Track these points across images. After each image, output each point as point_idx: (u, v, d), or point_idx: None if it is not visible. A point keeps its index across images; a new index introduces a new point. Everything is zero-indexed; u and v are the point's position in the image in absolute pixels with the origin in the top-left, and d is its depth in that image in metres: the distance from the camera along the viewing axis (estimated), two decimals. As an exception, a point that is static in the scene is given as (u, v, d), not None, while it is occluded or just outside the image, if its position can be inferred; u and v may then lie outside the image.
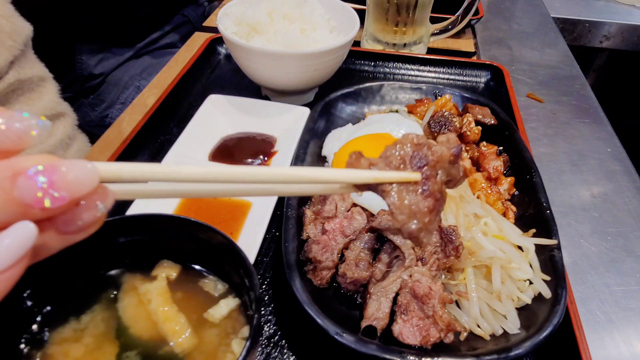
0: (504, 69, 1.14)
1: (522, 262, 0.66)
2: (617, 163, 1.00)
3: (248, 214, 0.78)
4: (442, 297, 0.59)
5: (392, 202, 0.39)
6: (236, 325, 0.49)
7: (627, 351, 0.68)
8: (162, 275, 0.53)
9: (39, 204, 0.23)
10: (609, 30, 1.67)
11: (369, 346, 0.55)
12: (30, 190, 0.23)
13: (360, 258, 0.67)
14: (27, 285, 0.47)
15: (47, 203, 0.23)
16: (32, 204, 0.23)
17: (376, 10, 1.24)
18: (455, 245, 0.64)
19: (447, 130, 0.87)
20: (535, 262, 0.67)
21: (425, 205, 0.39)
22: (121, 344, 0.48)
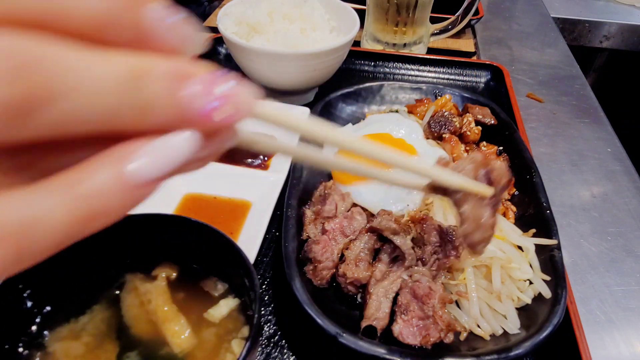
0: (504, 69, 1.14)
1: (522, 262, 0.66)
2: (617, 163, 1.00)
3: (248, 214, 0.78)
4: (442, 297, 0.59)
5: (463, 212, 0.43)
6: (236, 325, 0.49)
7: (627, 351, 0.68)
8: (162, 275, 0.53)
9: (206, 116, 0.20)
10: (609, 30, 1.67)
11: (369, 346, 0.55)
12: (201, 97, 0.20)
13: (360, 258, 0.67)
14: (27, 285, 0.47)
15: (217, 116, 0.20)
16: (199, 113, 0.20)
17: (376, 10, 1.23)
18: (455, 245, 0.64)
19: (447, 130, 0.87)
20: (535, 262, 0.67)
21: (490, 220, 0.44)
22: (122, 344, 0.48)
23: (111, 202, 0.19)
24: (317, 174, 0.84)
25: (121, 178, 0.19)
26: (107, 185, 0.19)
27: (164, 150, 0.20)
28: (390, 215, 0.68)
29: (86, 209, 0.19)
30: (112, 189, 0.19)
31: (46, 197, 0.18)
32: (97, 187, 0.19)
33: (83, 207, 0.19)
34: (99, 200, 0.19)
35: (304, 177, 0.79)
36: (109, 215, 0.20)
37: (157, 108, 0.19)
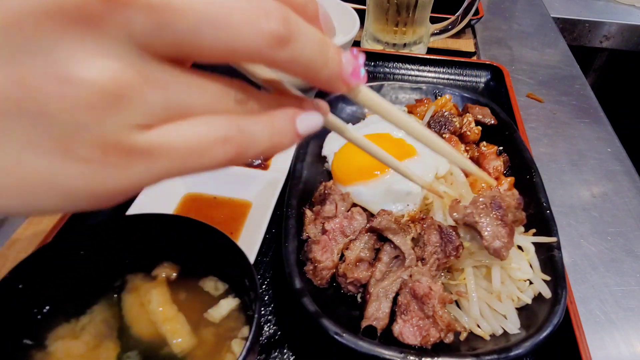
0: (504, 69, 1.14)
1: (522, 262, 0.66)
2: (617, 163, 1.00)
3: (248, 214, 0.78)
4: (442, 297, 0.59)
5: (484, 226, 0.62)
6: (236, 325, 0.49)
7: (627, 351, 0.68)
8: (162, 275, 0.53)
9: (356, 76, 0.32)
10: (609, 30, 1.67)
11: (369, 346, 0.55)
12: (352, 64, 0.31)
13: (361, 258, 0.67)
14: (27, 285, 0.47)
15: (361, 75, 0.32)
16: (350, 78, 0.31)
17: (376, 10, 1.24)
18: (455, 245, 0.64)
19: (447, 130, 0.87)
20: (535, 262, 0.67)
21: (505, 230, 0.62)
22: (122, 344, 0.48)
23: (286, 139, 0.31)
24: (317, 174, 0.84)
25: (294, 127, 0.31)
26: (289, 128, 0.31)
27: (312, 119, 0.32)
28: (390, 215, 0.68)
29: (275, 139, 0.30)
30: (290, 132, 0.31)
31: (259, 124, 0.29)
32: (284, 127, 0.31)
33: (274, 137, 0.30)
34: (282, 136, 0.31)
35: (304, 177, 0.79)
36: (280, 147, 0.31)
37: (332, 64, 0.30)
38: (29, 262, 0.46)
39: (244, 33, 0.25)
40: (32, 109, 0.22)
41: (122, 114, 0.23)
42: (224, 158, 0.27)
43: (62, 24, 0.21)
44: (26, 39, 0.21)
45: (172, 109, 0.25)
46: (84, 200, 0.25)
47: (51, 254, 0.48)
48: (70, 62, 0.22)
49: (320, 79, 0.30)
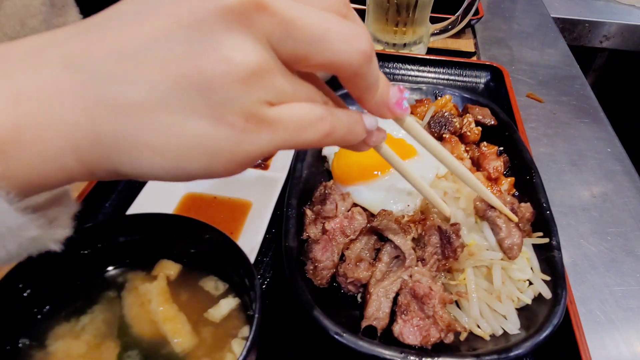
0: (504, 69, 1.14)
1: (522, 263, 0.66)
2: (617, 163, 1.00)
3: (248, 214, 0.78)
4: (442, 298, 0.59)
5: (501, 223, 0.66)
6: (236, 325, 0.49)
7: (627, 351, 0.68)
8: (162, 275, 0.53)
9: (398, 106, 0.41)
10: (609, 30, 1.67)
11: (369, 346, 0.55)
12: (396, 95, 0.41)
13: (361, 258, 0.67)
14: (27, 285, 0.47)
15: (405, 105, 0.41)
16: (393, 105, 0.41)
17: (376, 10, 1.23)
18: (454, 247, 0.64)
19: (447, 130, 0.87)
20: (535, 262, 0.67)
21: (518, 233, 0.66)
22: (123, 344, 0.48)
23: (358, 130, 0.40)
24: (317, 174, 0.84)
25: (363, 122, 0.40)
26: (360, 122, 0.40)
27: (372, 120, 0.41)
28: (391, 215, 0.68)
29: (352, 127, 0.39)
30: (360, 124, 0.40)
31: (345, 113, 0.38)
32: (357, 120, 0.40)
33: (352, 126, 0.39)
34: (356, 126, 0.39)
35: (304, 177, 0.79)
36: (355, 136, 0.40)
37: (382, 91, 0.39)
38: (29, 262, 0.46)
39: (343, 48, 0.33)
40: (202, 85, 0.29)
41: (260, 90, 0.31)
42: (322, 132, 0.35)
43: (228, 21, 0.29)
44: (204, 34, 0.29)
45: (287, 94, 0.33)
46: (223, 162, 0.32)
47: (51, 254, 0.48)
48: (232, 48, 0.29)
49: (370, 101, 0.39)
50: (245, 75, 0.30)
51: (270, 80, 0.32)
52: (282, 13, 0.30)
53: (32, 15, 0.69)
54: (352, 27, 0.33)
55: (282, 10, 0.30)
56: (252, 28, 0.30)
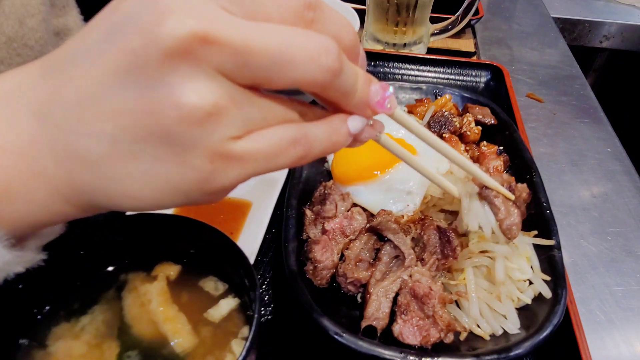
0: (504, 69, 1.14)
1: (521, 262, 0.66)
2: (617, 163, 1.00)
3: (248, 214, 0.78)
4: (442, 297, 0.59)
5: (499, 203, 0.63)
6: (236, 325, 0.49)
7: (627, 351, 0.68)
8: (162, 275, 0.53)
9: (380, 106, 0.36)
10: (609, 30, 1.67)
11: (369, 346, 0.55)
12: (378, 94, 0.36)
13: (361, 258, 0.67)
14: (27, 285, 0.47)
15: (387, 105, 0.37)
16: (374, 105, 0.36)
17: (376, 10, 1.23)
18: (453, 246, 0.64)
19: (447, 130, 0.87)
20: (535, 262, 0.67)
21: (517, 212, 0.64)
22: (123, 344, 0.48)
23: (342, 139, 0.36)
24: (317, 174, 0.84)
25: (347, 127, 0.36)
26: (343, 130, 0.36)
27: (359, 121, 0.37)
28: (390, 215, 0.68)
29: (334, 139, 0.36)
30: (345, 132, 0.36)
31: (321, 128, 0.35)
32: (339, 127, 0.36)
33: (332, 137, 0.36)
34: (339, 136, 0.36)
35: (303, 177, 0.79)
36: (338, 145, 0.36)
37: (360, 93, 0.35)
38: (29, 262, 0.46)
39: (307, 69, 0.31)
40: (159, 133, 0.29)
41: (221, 128, 0.30)
42: (296, 156, 0.34)
43: (173, 62, 0.27)
44: (151, 78, 0.28)
45: (253, 122, 0.32)
46: (196, 198, 0.33)
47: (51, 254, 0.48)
48: (182, 91, 0.28)
49: (349, 105, 0.36)
50: (201, 117, 0.29)
51: (231, 115, 0.30)
52: (232, 42, 0.28)
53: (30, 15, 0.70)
54: (315, 40, 0.31)
55: (232, 39, 0.28)
56: (201, 65, 0.28)
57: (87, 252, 0.51)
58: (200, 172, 0.31)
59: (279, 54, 0.29)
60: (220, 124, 0.30)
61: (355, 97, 0.35)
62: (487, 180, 0.63)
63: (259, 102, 0.32)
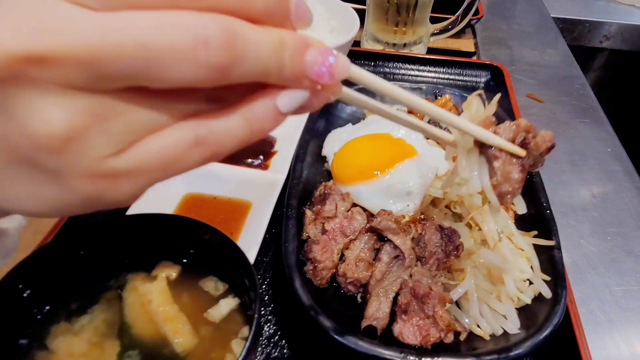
0: (504, 69, 1.14)
1: (521, 262, 0.66)
2: (617, 163, 1.00)
3: (248, 214, 0.78)
4: (442, 297, 0.59)
5: (497, 166, 0.52)
6: (236, 325, 0.49)
7: (627, 351, 0.68)
8: (162, 275, 0.53)
9: (319, 77, 0.30)
10: (609, 30, 1.67)
11: (369, 346, 0.55)
12: (316, 64, 0.29)
13: (360, 258, 0.67)
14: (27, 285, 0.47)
15: (326, 77, 0.30)
16: (313, 76, 0.30)
17: (376, 10, 1.23)
18: (455, 244, 0.64)
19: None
20: (535, 262, 0.67)
21: (519, 176, 0.52)
22: (123, 344, 0.48)
23: (268, 123, 0.30)
24: (317, 174, 0.84)
25: (275, 108, 0.30)
26: (267, 112, 0.30)
27: (295, 96, 0.30)
28: (390, 215, 0.68)
29: (254, 126, 0.30)
30: (269, 114, 0.30)
31: (232, 119, 0.29)
32: (261, 112, 0.30)
33: (252, 125, 0.30)
34: (261, 121, 0.30)
35: (303, 177, 0.79)
36: (264, 131, 0.31)
37: (289, 67, 0.29)
38: (29, 262, 0.46)
39: (182, 70, 0.25)
40: (27, 159, 0.26)
41: (88, 150, 0.26)
42: (201, 158, 0.29)
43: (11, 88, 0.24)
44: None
45: (138, 130, 0.27)
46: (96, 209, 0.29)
47: (51, 254, 0.48)
48: (28, 119, 0.24)
49: (280, 81, 0.30)
50: (57, 145, 0.25)
51: (99, 132, 0.26)
52: (71, 54, 0.23)
53: None
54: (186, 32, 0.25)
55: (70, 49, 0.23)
56: (40, 86, 0.24)
57: (87, 252, 0.51)
58: (84, 193, 0.28)
59: (140, 56, 0.24)
60: (85, 146, 0.26)
61: (283, 72, 0.29)
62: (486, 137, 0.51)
63: (142, 104, 0.27)
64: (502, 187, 0.52)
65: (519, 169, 0.52)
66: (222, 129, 0.29)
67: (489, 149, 0.52)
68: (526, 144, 0.52)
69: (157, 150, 0.28)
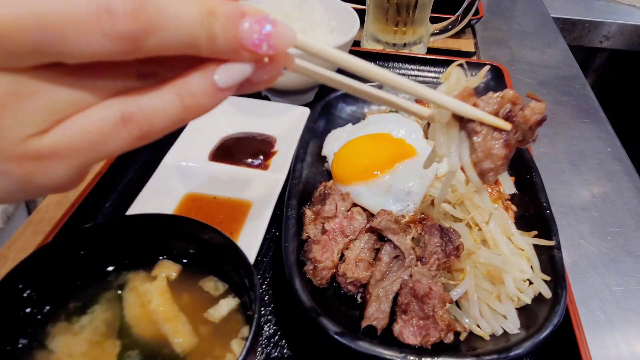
0: (504, 69, 1.14)
1: (521, 262, 0.66)
2: (617, 163, 1.00)
3: (248, 214, 0.78)
4: (442, 297, 0.59)
5: (478, 142, 0.47)
6: (236, 325, 0.49)
7: (627, 351, 0.68)
8: (162, 275, 0.53)
9: (256, 47, 0.28)
10: (609, 30, 1.67)
11: (369, 346, 0.55)
12: (253, 33, 0.28)
13: (360, 258, 0.67)
14: (27, 285, 0.47)
15: (264, 47, 0.28)
16: (250, 46, 0.28)
17: (376, 10, 1.23)
18: (455, 245, 0.64)
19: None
20: (535, 262, 0.67)
21: (502, 152, 0.47)
22: (123, 344, 0.48)
23: (204, 99, 0.28)
24: (317, 174, 0.84)
25: (212, 83, 0.28)
26: (203, 87, 0.28)
27: (234, 70, 0.28)
28: (390, 215, 0.68)
29: (189, 102, 0.28)
30: (205, 90, 0.28)
31: (163, 95, 0.28)
32: (196, 87, 0.28)
33: (186, 101, 0.28)
34: (196, 97, 0.28)
35: (303, 177, 0.79)
36: (201, 108, 0.29)
37: (222, 38, 0.27)
38: (29, 262, 0.46)
39: (87, 41, 0.24)
40: None
41: (6, 131, 0.25)
42: (131, 137, 0.28)
43: None
44: None
45: (60, 109, 0.26)
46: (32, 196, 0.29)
47: (51, 254, 0.48)
48: None
49: (216, 54, 0.28)
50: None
51: (18, 111, 0.25)
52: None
53: None
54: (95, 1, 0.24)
55: None
56: None
57: (87, 252, 0.51)
58: (13, 177, 0.27)
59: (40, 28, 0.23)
60: (3, 126, 0.25)
61: (216, 43, 0.27)
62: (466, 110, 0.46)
63: (62, 82, 0.26)
64: (483, 164, 0.48)
65: (502, 144, 0.47)
66: (152, 106, 0.27)
67: (469, 124, 0.47)
68: (512, 117, 0.47)
69: (82, 129, 0.27)
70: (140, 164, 0.91)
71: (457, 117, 0.47)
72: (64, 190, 0.29)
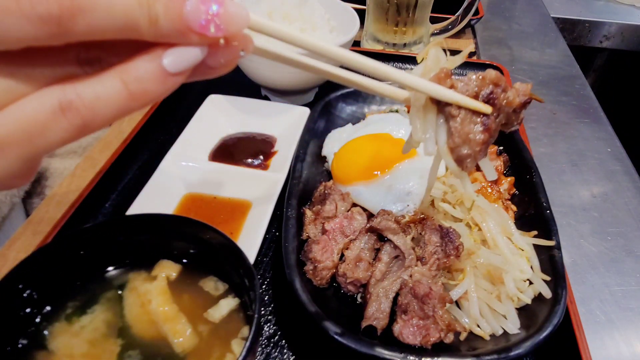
0: (504, 69, 1.14)
1: (521, 262, 0.66)
2: (617, 163, 1.00)
3: (248, 214, 0.78)
4: (442, 297, 0.59)
5: (454, 126, 0.43)
6: (236, 325, 0.49)
7: (627, 351, 0.68)
8: (162, 275, 0.53)
9: (204, 29, 0.26)
10: (609, 30, 1.67)
11: (369, 346, 0.55)
12: (199, 14, 0.26)
13: (360, 258, 0.67)
14: (27, 285, 0.47)
15: (212, 29, 0.26)
16: (197, 29, 0.26)
17: (376, 10, 1.23)
18: (455, 245, 0.64)
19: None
20: (535, 262, 0.67)
21: (481, 137, 0.43)
22: (123, 344, 0.48)
23: (152, 85, 0.26)
24: (317, 174, 0.84)
25: (160, 67, 0.26)
26: (150, 72, 0.26)
27: (184, 53, 0.27)
28: (390, 215, 0.68)
29: (134, 88, 0.26)
30: (153, 75, 0.26)
31: (105, 81, 0.26)
32: (143, 73, 0.26)
33: (132, 87, 0.26)
34: (143, 83, 0.26)
35: (303, 177, 0.79)
36: (149, 95, 0.27)
37: (165, 19, 0.25)
38: (29, 262, 0.46)
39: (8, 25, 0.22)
40: None
41: None
42: (72, 126, 0.26)
43: None
44: None
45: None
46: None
47: (51, 254, 0.48)
48: None
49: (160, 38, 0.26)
50: None
51: None
52: None
53: None
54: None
55: None
56: None
57: (87, 252, 0.51)
58: None
59: None
60: None
61: (158, 25, 0.25)
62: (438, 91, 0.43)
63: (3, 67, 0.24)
64: (460, 149, 0.44)
65: (481, 129, 0.44)
66: (93, 93, 0.26)
67: (446, 107, 0.44)
68: (493, 100, 0.44)
69: (17, 120, 0.25)
70: (140, 164, 0.91)
71: (434, 100, 0.44)
72: (13, 185, 0.28)
